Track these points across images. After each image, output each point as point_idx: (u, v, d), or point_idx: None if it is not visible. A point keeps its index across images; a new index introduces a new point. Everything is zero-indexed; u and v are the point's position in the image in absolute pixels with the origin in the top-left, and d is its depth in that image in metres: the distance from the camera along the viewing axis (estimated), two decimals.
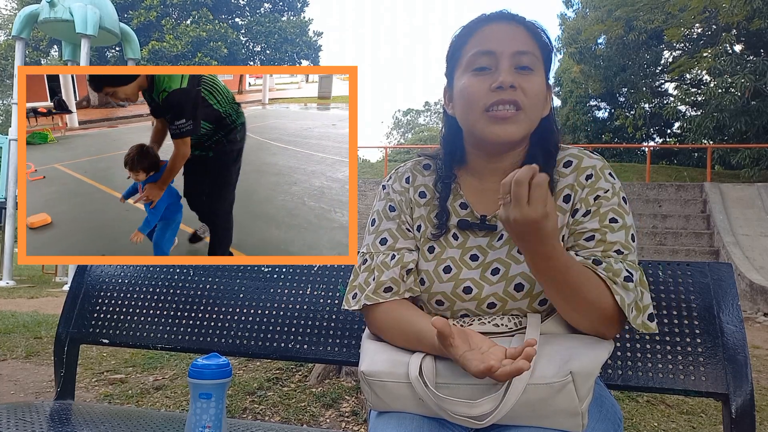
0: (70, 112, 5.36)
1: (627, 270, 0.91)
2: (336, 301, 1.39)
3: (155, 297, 1.52)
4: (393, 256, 1.03)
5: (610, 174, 1.00)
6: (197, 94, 1.79)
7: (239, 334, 1.42)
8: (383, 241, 1.06)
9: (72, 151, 4.55)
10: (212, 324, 1.45)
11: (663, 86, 18.92)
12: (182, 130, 1.77)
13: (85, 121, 5.55)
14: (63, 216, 2.73)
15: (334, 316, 1.37)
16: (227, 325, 1.43)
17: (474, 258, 1.00)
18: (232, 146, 1.96)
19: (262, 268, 1.48)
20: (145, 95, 1.81)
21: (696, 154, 16.71)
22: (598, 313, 0.89)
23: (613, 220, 0.95)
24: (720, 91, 12.66)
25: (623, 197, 0.98)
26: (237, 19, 22.39)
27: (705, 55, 14.02)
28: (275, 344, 1.38)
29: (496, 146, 1.00)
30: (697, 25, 15.16)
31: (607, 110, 19.80)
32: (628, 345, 1.17)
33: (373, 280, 1.02)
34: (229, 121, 1.91)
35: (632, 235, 0.95)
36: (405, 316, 0.97)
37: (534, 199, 0.79)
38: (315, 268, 1.44)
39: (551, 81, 1.05)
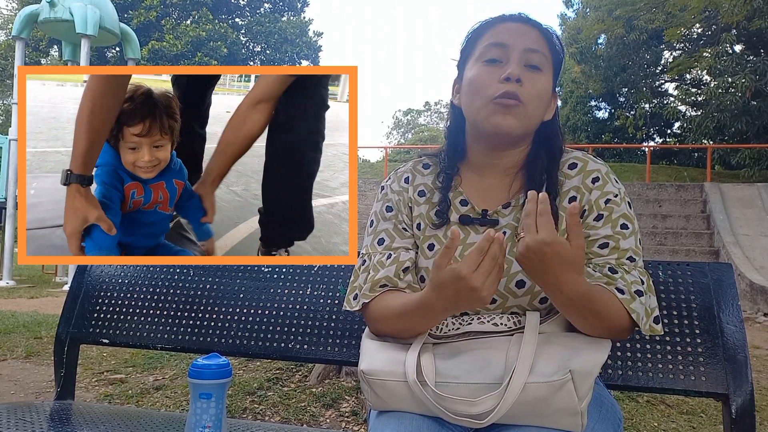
0: None
1: (640, 278, 0.94)
2: (336, 301, 1.39)
3: (155, 297, 1.52)
4: (389, 256, 1.04)
5: (615, 179, 1.02)
6: None
7: (239, 334, 1.42)
8: (380, 241, 1.06)
9: None
10: (212, 324, 1.44)
11: (663, 86, 18.91)
12: None
13: None
14: None
15: (334, 316, 1.37)
16: (227, 325, 1.43)
17: None
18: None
19: (262, 268, 1.48)
20: None
21: (696, 154, 16.69)
22: (614, 328, 0.92)
23: (624, 227, 0.97)
24: (720, 91, 12.65)
25: (628, 202, 1.01)
26: (237, 19, 22.39)
27: (705, 55, 14.02)
28: (275, 344, 1.38)
29: (494, 138, 1.01)
30: (697, 24, 15.16)
31: (608, 110, 19.78)
32: (628, 345, 1.17)
33: (370, 279, 1.03)
34: None
35: (639, 239, 0.98)
36: (393, 298, 0.99)
37: (542, 226, 0.83)
38: (315, 268, 1.44)
39: (557, 87, 1.07)
